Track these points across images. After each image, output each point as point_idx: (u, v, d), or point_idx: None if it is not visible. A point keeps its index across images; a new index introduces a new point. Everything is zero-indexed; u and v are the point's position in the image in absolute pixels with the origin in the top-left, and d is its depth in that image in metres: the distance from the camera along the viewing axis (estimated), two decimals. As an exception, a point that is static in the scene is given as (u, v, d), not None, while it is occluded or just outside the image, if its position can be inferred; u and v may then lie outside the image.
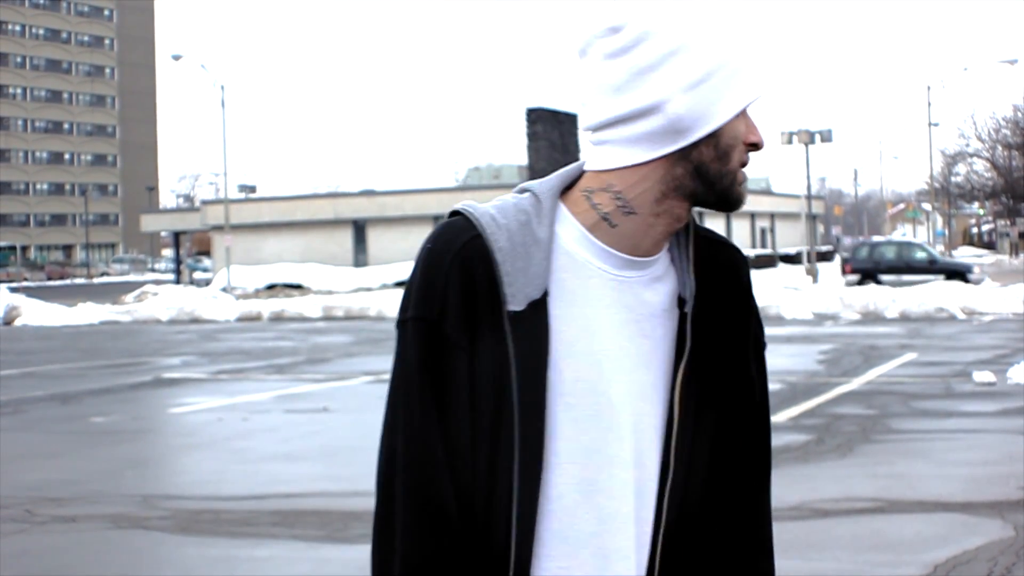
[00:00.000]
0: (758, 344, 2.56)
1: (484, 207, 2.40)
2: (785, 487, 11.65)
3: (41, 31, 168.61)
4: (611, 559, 2.35)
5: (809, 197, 69.92)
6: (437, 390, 2.33)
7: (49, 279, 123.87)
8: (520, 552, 2.30)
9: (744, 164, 2.42)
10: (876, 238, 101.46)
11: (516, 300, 2.30)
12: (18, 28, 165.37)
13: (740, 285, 2.52)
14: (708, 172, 2.36)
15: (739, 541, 2.50)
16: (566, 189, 2.42)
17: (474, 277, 2.32)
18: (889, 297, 38.00)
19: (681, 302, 2.43)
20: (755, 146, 2.42)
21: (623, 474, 2.36)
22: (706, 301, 2.44)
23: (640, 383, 2.40)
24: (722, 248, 2.53)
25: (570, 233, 2.37)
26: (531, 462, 2.30)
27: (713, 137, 2.36)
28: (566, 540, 2.34)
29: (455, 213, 2.42)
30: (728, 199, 2.40)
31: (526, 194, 2.40)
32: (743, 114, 2.40)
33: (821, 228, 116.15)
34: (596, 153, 2.38)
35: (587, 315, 2.36)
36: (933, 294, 39.28)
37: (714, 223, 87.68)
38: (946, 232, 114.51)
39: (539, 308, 2.32)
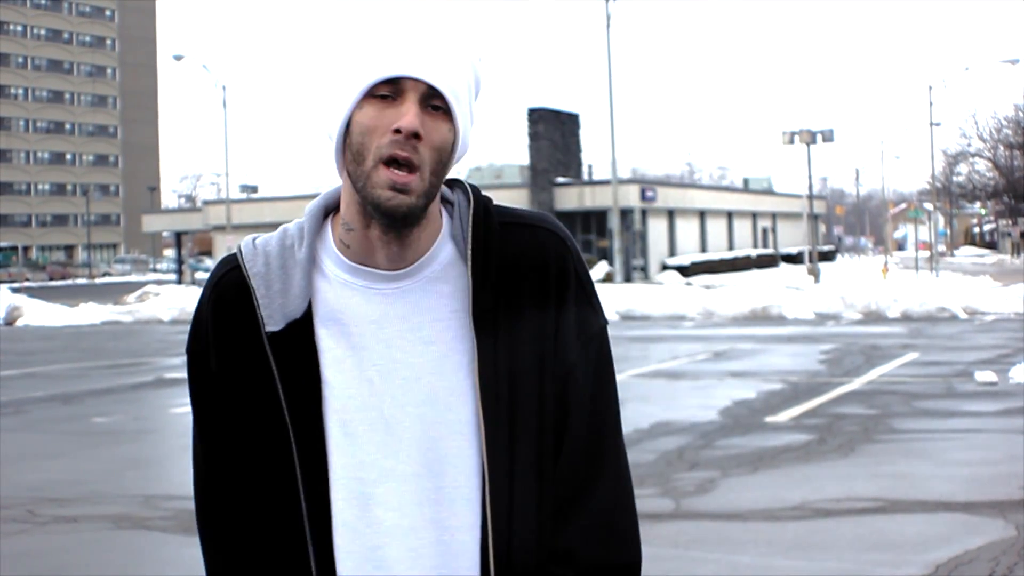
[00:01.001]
0: (585, 326, 2.42)
1: (259, 237, 2.45)
2: (787, 487, 11.66)
3: (43, 31, 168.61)
4: (393, 570, 2.33)
5: (811, 197, 69.96)
6: (209, 419, 2.43)
7: (51, 279, 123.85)
8: (321, 571, 2.35)
9: (390, 161, 2.23)
10: None
11: (273, 320, 2.34)
12: (19, 28, 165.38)
13: (550, 266, 2.39)
14: (351, 174, 2.29)
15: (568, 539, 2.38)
16: (338, 208, 2.42)
17: (227, 306, 2.40)
18: (891, 297, 38.00)
19: None
20: (395, 137, 2.23)
21: (402, 486, 2.32)
22: (506, 292, 2.35)
23: (428, 392, 2.33)
24: (529, 231, 2.42)
25: (329, 253, 2.39)
26: (315, 482, 2.33)
27: (348, 136, 2.28)
28: (351, 555, 2.34)
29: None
30: (376, 207, 2.26)
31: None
32: (377, 100, 2.25)
33: (823, 228, 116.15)
34: None
35: (353, 332, 2.35)
36: (935, 293, 39.26)
37: (717, 224, 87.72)
38: (948, 232, 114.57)
39: (301, 327, 2.34)
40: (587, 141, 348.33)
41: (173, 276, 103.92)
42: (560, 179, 71.79)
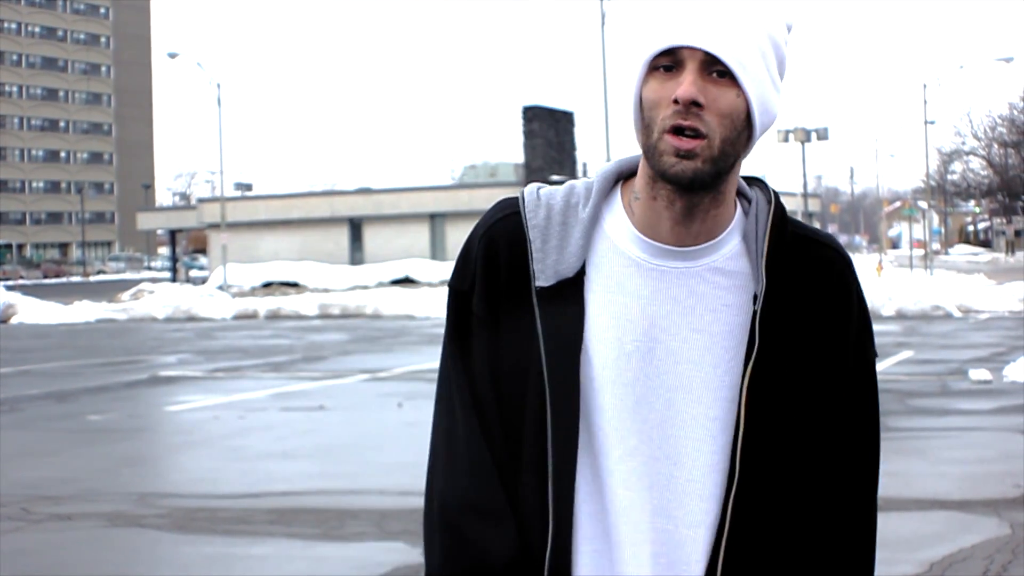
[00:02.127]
0: (861, 355, 2.39)
1: (545, 186, 2.41)
2: (781, 485, 11.65)
3: (37, 29, 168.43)
4: (620, 551, 2.29)
5: (805, 195, 69.93)
6: (470, 359, 2.38)
7: (45, 277, 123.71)
8: (557, 540, 2.30)
9: (675, 131, 2.21)
10: None
11: (544, 276, 2.30)
12: (14, 26, 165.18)
13: (834, 287, 2.36)
14: (642, 147, 2.28)
15: (818, 557, 2.36)
16: (632, 176, 2.38)
17: (498, 253, 2.35)
18: (885, 295, 38.02)
19: (755, 299, 2.31)
20: (675, 108, 2.20)
21: (639, 466, 2.29)
22: (789, 301, 2.31)
23: (684, 379, 2.29)
24: (817, 247, 2.38)
25: (617, 219, 2.35)
26: (564, 444, 2.29)
27: (640, 109, 2.26)
28: (587, 525, 2.31)
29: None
30: (663, 175, 2.23)
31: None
32: (660, 72, 2.24)
33: (817, 226, 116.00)
34: None
35: (624, 303, 2.30)
36: (930, 292, 39.29)
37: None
38: (942, 230, 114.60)
39: (571, 288, 2.30)
40: (582, 139, 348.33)
41: (168, 274, 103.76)
42: (555, 177, 71.75)
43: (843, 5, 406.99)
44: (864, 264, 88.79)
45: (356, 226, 75.99)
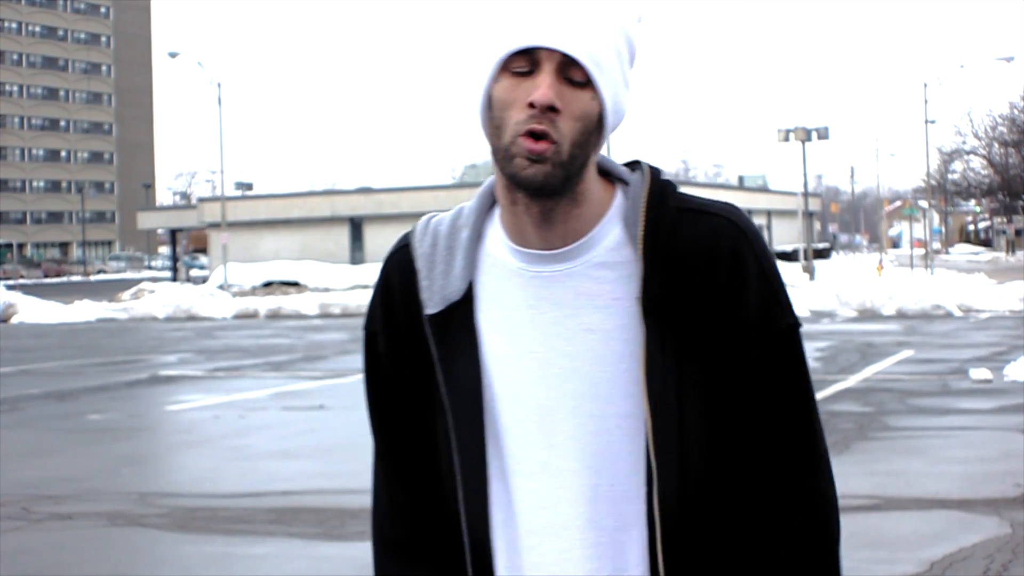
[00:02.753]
0: (767, 326, 2.25)
1: (437, 215, 2.41)
2: (782, 484, 11.65)
3: (37, 28, 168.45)
4: (543, 571, 2.24)
5: (806, 194, 69.92)
6: (378, 399, 2.45)
7: (46, 276, 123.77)
8: (476, 561, 2.30)
9: (531, 135, 2.12)
10: None
11: (432, 303, 2.28)
12: (14, 25, 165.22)
13: (726, 258, 2.23)
14: (493, 150, 2.20)
15: (764, 537, 2.27)
16: None
17: (392, 289, 2.36)
18: (886, 294, 38.03)
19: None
20: (530, 111, 2.12)
21: (555, 482, 2.23)
22: (678, 280, 2.20)
23: (588, 382, 2.22)
24: (706, 218, 2.26)
25: (496, 233, 2.31)
26: (473, 473, 2.27)
27: (491, 112, 2.19)
28: (505, 553, 2.28)
29: None
30: (513, 178, 2.16)
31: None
32: (513, 72, 2.16)
33: (818, 225, 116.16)
34: None
35: (512, 318, 2.26)
36: (930, 291, 39.29)
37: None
38: (943, 230, 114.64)
39: (461, 311, 2.27)
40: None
41: (168, 273, 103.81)
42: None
43: (844, 4, 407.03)
44: (865, 264, 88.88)
45: (357, 225, 75.99)
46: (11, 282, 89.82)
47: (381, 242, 73.67)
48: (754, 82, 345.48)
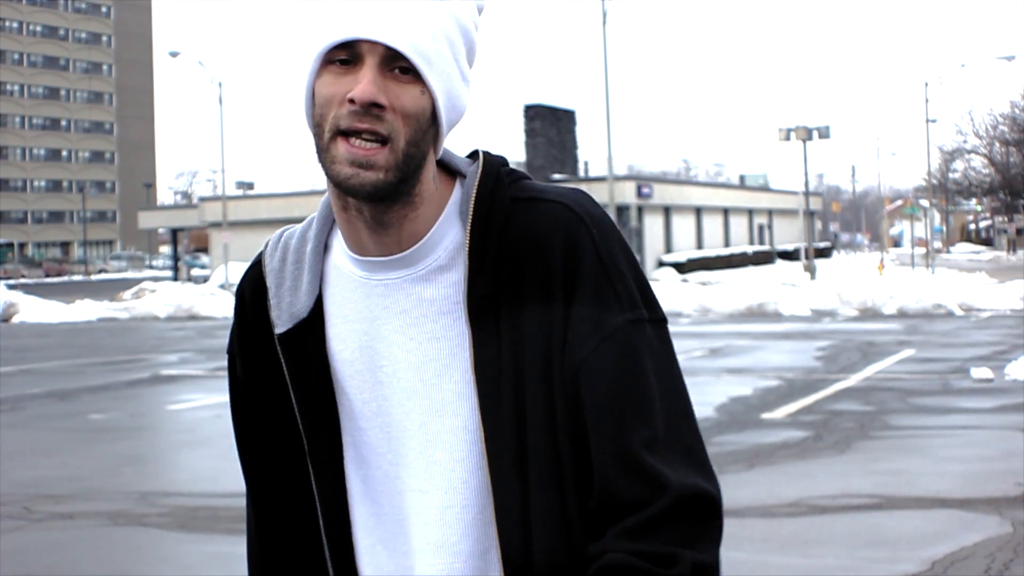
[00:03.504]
0: (597, 321, 2.02)
1: (290, 228, 2.27)
2: (783, 483, 11.66)
3: (38, 28, 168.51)
4: None
5: (807, 193, 69.91)
6: (238, 424, 2.32)
7: (47, 276, 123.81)
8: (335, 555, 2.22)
9: (348, 133, 1.97)
10: None
11: (281, 321, 2.16)
12: (15, 25, 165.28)
13: (555, 247, 2.04)
14: (316, 151, 2.04)
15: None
16: None
17: (247, 306, 2.25)
18: (887, 293, 38.02)
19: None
20: (351, 108, 1.96)
21: (407, 505, 2.11)
22: (508, 276, 2.04)
23: (433, 396, 2.07)
24: (542, 207, 2.08)
25: (339, 244, 2.17)
26: (332, 500, 2.18)
27: (312, 108, 2.03)
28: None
29: None
30: (338, 185, 2.00)
31: None
32: (336, 65, 1.99)
33: (819, 224, 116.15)
34: None
35: (361, 330, 2.11)
36: (931, 290, 39.29)
37: (713, 221, 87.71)
38: (944, 229, 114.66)
39: (311, 328, 2.14)
40: (583, 138, 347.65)
41: (169, 273, 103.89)
42: (556, 176, 71.76)
43: (845, 3, 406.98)
44: (866, 263, 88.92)
45: (357, 225, 75.95)
46: (12, 281, 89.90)
47: (382, 241, 73.71)
48: (755, 81, 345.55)
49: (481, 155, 2.16)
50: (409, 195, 2.04)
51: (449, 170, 2.16)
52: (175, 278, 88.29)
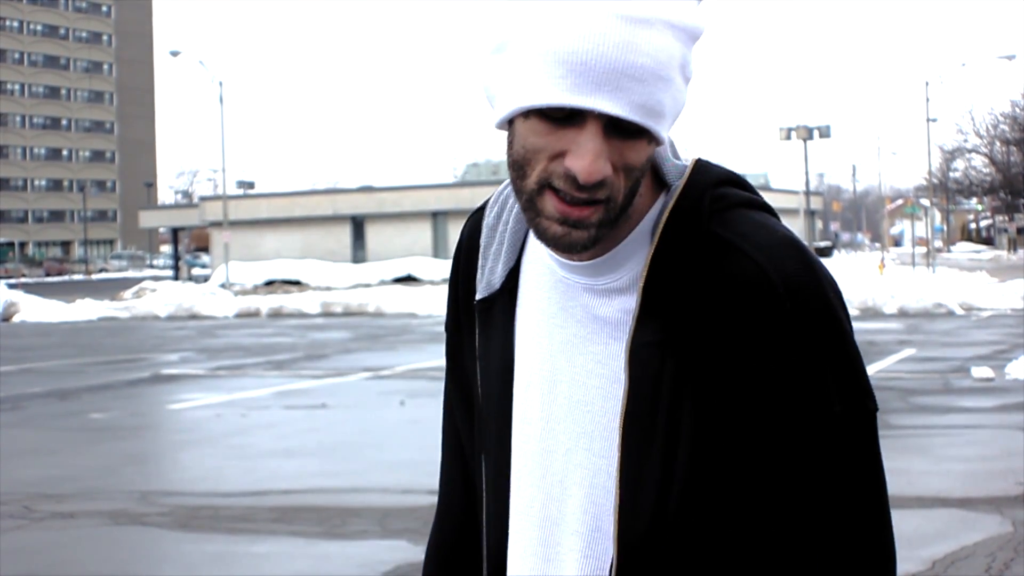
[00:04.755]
0: (806, 409, 1.76)
1: None
2: (783, 483, 11.65)
3: (39, 27, 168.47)
4: None
5: (807, 193, 69.90)
6: (447, 379, 2.15)
7: (47, 275, 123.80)
8: (491, 560, 2.03)
9: (560, 193, 1.69)
10: None
11: (481, 287, 1.98)
12: (16, 24, 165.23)
13: (748, 315, 1.75)
14: (513, 187, 1.78)
15: None
16: None
17: (459, 259, 2.07)
18: (888, 293, 38.00)
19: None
20: (568, 176, 1.68)
21: (527, 528, 1.92)
22: (685, 330, 1.76)
23: (584, 425, 1.85)
24: (735, 257, 1.77)
25: None
26: (498, 485, 1.98)
27: (510, 134, 1.76)
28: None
29: None
30: (541, 237, 1.76)
31: None
32: (550, 120, 1.69)
33: (820, 224, 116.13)
34: None
35: (539, 322, 1.91)
36: (932, 289, 39.28)
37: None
38: (944, 228, 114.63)
39: (503, 300, 1.95)
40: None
41: (170, 272, 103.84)
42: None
43: (845, 3, 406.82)
44: (867, 262, 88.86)
45: (358, 224, 75.97)
46: (13, 281, 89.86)
47: (383, 241, 73.76)
48: (756, 80, 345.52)
49: (691, 166, 1.85)
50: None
51: (657, 176, 1.87)
52: (176, 277, 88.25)
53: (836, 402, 1.76)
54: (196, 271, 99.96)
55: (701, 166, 1.85)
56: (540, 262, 1.91)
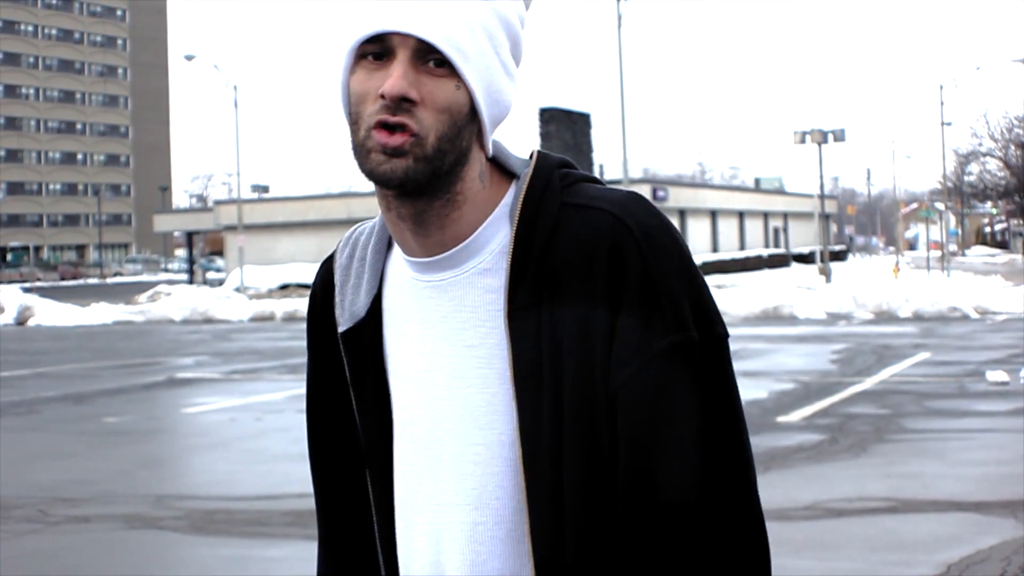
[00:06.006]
0: (640, 345, 1.91)
1: (367, 221, 2.22)
2: (798, 487, 11.65)
3: (54, 31, 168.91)
4: None
5: (822, 196, 69.85)
6: (309, 418, 2.30)
7: (62, 279, 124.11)
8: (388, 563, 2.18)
9: (384, 127, 1.91)
10: None
11: (343, 319, 2.13)
12: (31, 28, 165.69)
13: (603, 261, 1.93)
14: (352, 148, 1.98)
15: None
16: None
17: (317, 301, 2.23)
18: (902, 296, 37.95)
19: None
20: (383, 104, 1.90)
21: (439, 518, 2.02)
22: (551, 290, 1.94)
23: (469, 406, 1.99)
24: (591, 215, 1.97)
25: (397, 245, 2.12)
26: (383, 504, 2.14)
27: (348, 105, 1.99)
28: None
29: None
30: (371, 175, 1.94)
31: None
32: (369, 60, 1.94)
33: (834, 227, 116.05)
34: None
35: (410, 333, 2.06)
36: (947, 293, 39.22)
37: (728, 224, 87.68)
38: (959, 232, 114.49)
39: (369, 327, 2.10)
40: (599, 141, 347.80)
41: (184, 276, 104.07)
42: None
43: (860, 6, 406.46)
44: (882, 266, 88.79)
45: (372, 228, 75.97)
46: (28, 285, 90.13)
47: (397, 244, 73.75)
48: (770, 84, 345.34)
49: (535, 155, 2.08)
50: (448, 193, 1.97)
51: (505, 170, 2.08)
52: (190, 281, 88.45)
53: (694, 328, 1.92)
54: (211, 275, 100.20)
55: (542, 154, 2.07)
56: (401, 279, 2.08)
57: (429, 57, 1.90)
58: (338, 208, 78.26)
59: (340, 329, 2.13)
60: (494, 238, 2.01)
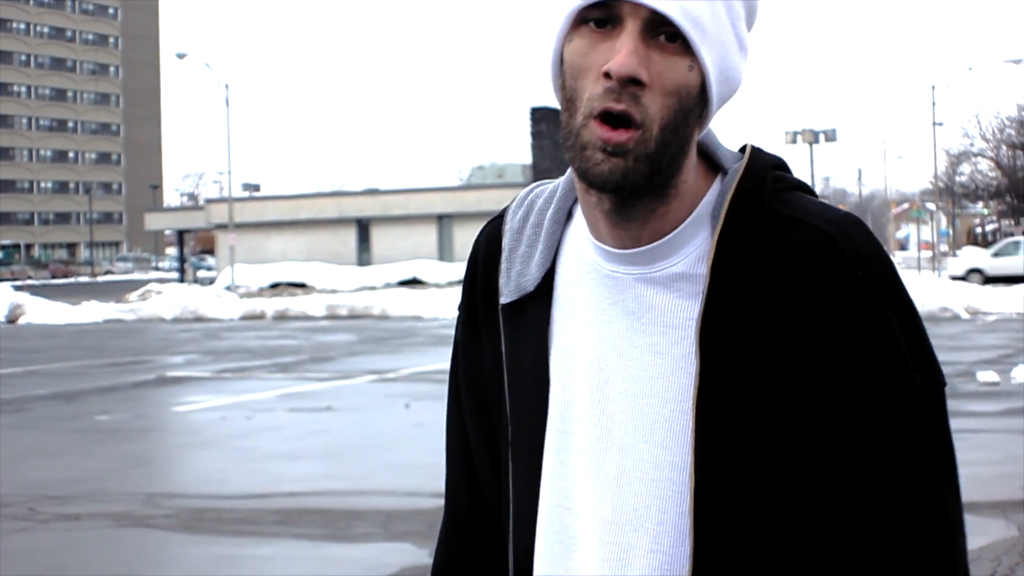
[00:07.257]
0: (870, 383, 1.72)
1: (550, 182, 2.01)
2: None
3: (46, 29, 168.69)
4: None
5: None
6: (453, 385, 2.08)
7: (53, 277, 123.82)
8: (519, 565, 1.95)
9: (604, 117, 1.69)
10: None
11: (508, 291, 1.92)
12: (23, 26, 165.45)
13: (814, 287, 1.73)
14: (563, 129, 1.76)
15: None
16: None
17: (477, 264, 2.01)
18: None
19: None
20: (607, 87, 1.67)
21: (592, 532, 1.81)
22: (754, 306, 1.73)
23: (643, 418, 1.78)
24: (800, 230, 1.75)
25: (580, 219, 1.89)
26: (525, 498, 1.91)
27: (562, 74, 1.77)
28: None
29: None
30: (581, 172, 1.73)
31: None
32: (590, 27, 1.72)
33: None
34: None
35: (586, 320, 1.85)
36: (937, 293, 39.24)
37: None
38: (950, 232, 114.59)
39: (536, 304, 1.88)
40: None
41: (175, 274, 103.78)
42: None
43: (851, 6, 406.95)
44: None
45: (364, 227, 75.95)
46: (18, 283, 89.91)
47: (388, 243, 73.74)
48: (761, 84, 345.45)
49: (749, 150, 1.86)
50: (663, 187, 1.76)
51: (711, 161, 1.87)
52: (181, 280, 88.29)
53: (915, 373, 1.76)
54: (202, 273, 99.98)
55: (756, 151, 1.86)
56: (582, 261, 1.87)
57: (660, 30, 1.68)
58: (329, 207, 78.17)
59: (503, 300, 1.92)
60: (693, 239, 1.79)
